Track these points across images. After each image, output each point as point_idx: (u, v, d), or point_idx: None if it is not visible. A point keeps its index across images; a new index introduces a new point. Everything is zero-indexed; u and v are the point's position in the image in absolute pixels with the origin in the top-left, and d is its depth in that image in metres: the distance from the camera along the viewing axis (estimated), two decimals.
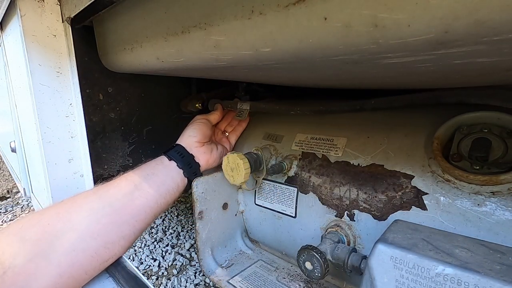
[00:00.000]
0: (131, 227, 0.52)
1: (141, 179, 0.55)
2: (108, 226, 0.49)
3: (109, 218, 0.49)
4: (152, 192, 0.55)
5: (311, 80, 0.56)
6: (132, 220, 0.52)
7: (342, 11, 0.25)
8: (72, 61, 0.65)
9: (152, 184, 0.55)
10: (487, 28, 0.19)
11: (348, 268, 0.47)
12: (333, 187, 0.58)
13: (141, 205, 0.53)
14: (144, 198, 0.54)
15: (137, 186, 0.54)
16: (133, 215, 0.52)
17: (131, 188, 0.53)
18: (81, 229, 0.46)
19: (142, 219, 0.54)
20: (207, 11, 0.37)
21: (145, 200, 0.54)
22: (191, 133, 0.67)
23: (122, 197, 0.52)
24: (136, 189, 0.54)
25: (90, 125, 0.72)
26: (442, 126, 0.49)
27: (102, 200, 0.50)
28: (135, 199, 0.53)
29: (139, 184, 0.54)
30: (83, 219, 0.47)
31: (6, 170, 2.28)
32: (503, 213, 0.41)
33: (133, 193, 0.53)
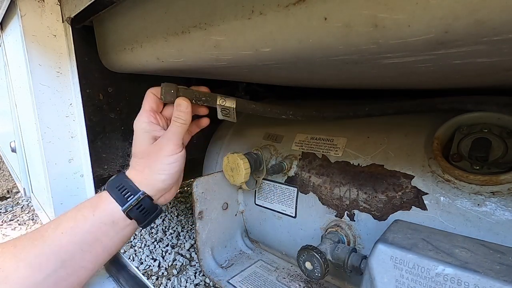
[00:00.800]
0: None
1: (73, 253, 0.41)
2: None
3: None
4: (88, 266, 0.43)
5: (311, 80, 0.56)
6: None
7: (342, 11, 0.25)
8: (72, 61, 0.65)
9: (90, 257, 0.43)
10: (487, 28, 0.19)
11: (348, 268, 0.47)
12: (333, 187, 0.58)
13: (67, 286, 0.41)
14: (74, 277, 0.42)
15: (65, 263, 0.40)
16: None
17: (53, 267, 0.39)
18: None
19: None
20: (207, 11, 0.37)
21: (75, 279, 0.42)
22: (165, 175, 0.46)
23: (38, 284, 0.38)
24: (63, 267, 0.40)
25: (90, 125, 0.72)
26: (442, 126, 0.49)
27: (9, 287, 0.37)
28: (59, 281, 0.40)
29: (69, 259, 0.41)
30: None
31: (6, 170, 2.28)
32: (503, 213, 0.41)
33: (57, 274, 0.39)
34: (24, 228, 1.50)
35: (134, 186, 0.46)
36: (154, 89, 0.50)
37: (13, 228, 1.50)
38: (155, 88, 0.50)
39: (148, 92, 0.50)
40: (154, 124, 0.48)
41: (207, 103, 0.50)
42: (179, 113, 0.47)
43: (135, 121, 0.48)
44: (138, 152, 0.47)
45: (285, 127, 0.73)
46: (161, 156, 0.46)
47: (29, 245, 0.39)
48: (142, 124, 0.47)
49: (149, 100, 0.49)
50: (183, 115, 0.47)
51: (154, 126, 0.48)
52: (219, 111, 0.51)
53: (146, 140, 0.47)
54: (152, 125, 0.48)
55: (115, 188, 0.45)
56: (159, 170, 0.46)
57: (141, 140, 0.47)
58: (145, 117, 0.48)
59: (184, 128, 0.47)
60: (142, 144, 0.47)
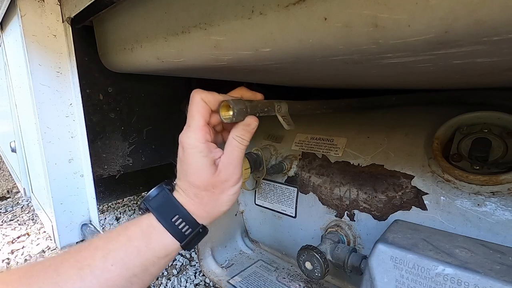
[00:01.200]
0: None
1: (121, 285, 0.37)
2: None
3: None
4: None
5: (311, 80, 0.56)
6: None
7: (342, 11, 0.25)
8: (72, 61, 0.65)
9: (137, 286, 0.38)
10: (487, 28, 0.19)
11: (348, 268, 0.47)
12: (333, 187, 0.58)
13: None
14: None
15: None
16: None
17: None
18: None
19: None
20: (207, 11, 0.37)
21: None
22: (228, 207, 0.42)
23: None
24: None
25: (90, 125, 0.72)
26: (442, 126, 0.49)
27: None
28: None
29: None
30: None
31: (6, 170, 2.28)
32: (503, 213, 0.41)
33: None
34: (24, 228, 1.50)
35: (194, 220, 0.40)
36: (204, 95, 0.38)
37: (13, 228, 1.50)
38: (205, 93, 0.38)
39: (197, 99, 0.38)
40: (210, 143, 0.39)
41: (268, 113, 0.42)
42: (247, 134, 0.40)
43: (186, 138, 0.38)
44: (200, 184, 0.39)
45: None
46: (228, 187, 0.40)
47: (74, 275, 0.35)
48: (198, 145, 0.38)
49: (202, 111, 0.38)
50: (249, 136, 0.40)
51: (210, 145, 0.39)
52: (282, 120, 0.44)
53: (208, 168, 0.39)
54: (209, 145, 0.39)
55: (170, 220, 0.39)
56: (224, 202, 0.41)
57: (202, 167, 0.39)
58: (201, 136, 0.38)
59: (245, 149, 0.41)
60: (204, 172, 0.39)
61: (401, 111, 0.58)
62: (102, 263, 0.36)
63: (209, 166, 0.39)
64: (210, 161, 0.39)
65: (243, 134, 0.40)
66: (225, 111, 0.38)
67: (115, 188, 1.12)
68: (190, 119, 0.39)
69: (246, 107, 0.39)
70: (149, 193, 0.41)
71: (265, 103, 0.42)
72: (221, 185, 0.40)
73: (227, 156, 0.40)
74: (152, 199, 0.40)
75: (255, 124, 0.40)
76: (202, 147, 0.38)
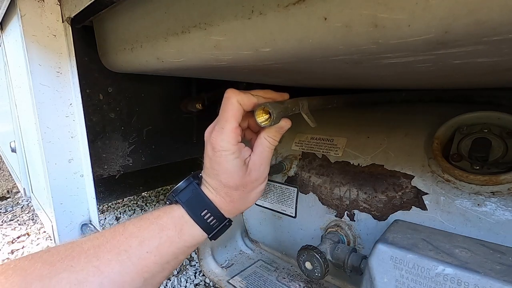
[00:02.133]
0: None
1: (154, 272, 0.39)
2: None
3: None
4: (161, 280, 0.41)
5: (311, 80, 0.56)
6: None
7: (342, 11, 0.25)
8: (72, 61, 0.65)
9: (167, 274, 0.41)
10: (487, 28, 0.19)
11: (348, 268, 0.47)
12: (333, 187, 0.58)
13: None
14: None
15: (145, 282, 0.38)
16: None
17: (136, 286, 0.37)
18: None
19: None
20: (207, 11, 0.37)
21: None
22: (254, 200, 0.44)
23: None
24: (143, 285, 0.38)
25: (90, 125, 0.72)
26: (442, 126, 0.49)
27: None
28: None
29: (150, 278, 0.39)
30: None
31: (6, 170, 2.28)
32: (503, 213, 0.41)
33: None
34: (24, 228, 1.50)
35: (221, 215, 0.42)
36: (240, 97, 0.38)
37: (13, 228, 1.50)
38: (241, 95, 0.38)
39: (233, 101, 0.38)
40: (240, 144, 0.40)
41: (295, 112, 0.42)
42: (279, 135, 0.41)
43: (219, 141, 0.38)
44: (233, 184, 0.40)
45: None
46: (257, 185, 0.42)
47: (114, 260, 0.36)
48: (231, 147, 0.38)
49: (236, 114, 0.38)
50: (280, 137, 0.42)
51: (241, 146, 0.40)
52: (307, 118, 0.44)
53: (239, 168, 0.40)
54: (240, 146, 0.40)
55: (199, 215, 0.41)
56: (252, 199, 0.43)
57: (235, 169, 0.39)
58: (234, 138, 0.38)
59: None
60: (237, 174, 0.40)
61: (401, 111, 0.58)
62: (138, 250, 0.37)
63: (241, 167, 0.40)
64: (241, 162, 0.40)
65: (275, 135, 0.41)
66: (262, 115, 0.38)
67: (115, 188, 1.12)
68: (224, 122, 0.38)
69: (281, 110, 0.38)
70: (178, 186, 0.42)
71: (292, 103, 0.42)
72: (251, 184, 0.41)
73: (258, 156, 0.41)
74: (181, 192, 0.42)
75: (288, 126, 0.41)
76: (234, 149, 0.39)
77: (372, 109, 0.62)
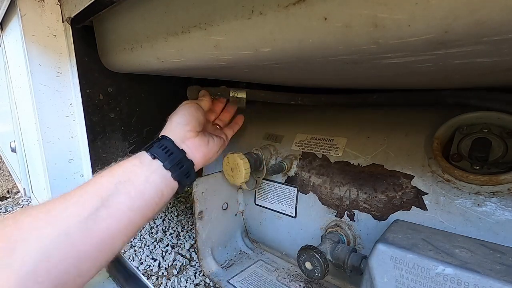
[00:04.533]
0: (92, 260, 0.39)
1: (110, 191, 0.41)
2: (60, 264, 0.35)
3: (62, 252, 0.36)
4: (124, 209, 0.41)
5: (311, 80, 0.56)
6: (94, 252, 0.39)
7: (342, 11, 0.25)
8: (72, 61, 0.65)
9: (125, 198, 0.42)
10: (487, 28, 0.19)
11: (348, 268, 0.47)
12: (333, 187, 0.58)
13: (107, 230, 0.39)
14: (113, 219, 0.40)
15: (104, 202, 0.40)
16: (97, 245, 0.39)
17: (95, 204, 0.39)
18: (23, 270, 0.33)
19: (108, 248, 0.40)
20: (207, 11, 0.37)
21: (114, 222, 0.40)
22: (180, 120, 0.52)
23: (83, 221, 0.38)
24: (103, 206, 0.40)
25: (90, 125, 0.72)
26: (442, 126, 0.49)
27: (56, 226, 0.37)
28: (100, 221, 0.39)
29: (107, 198, 0.40)
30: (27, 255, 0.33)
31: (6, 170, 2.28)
32: (503, 213, 0.41)
33: (98, 213, 0.39)
34: None
35: (158, 136, 0.52)
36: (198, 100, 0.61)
37: None
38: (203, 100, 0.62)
39: (187, 102, 0.59)
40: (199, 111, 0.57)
41: (223, 96, 0.63)
42: (201, 98, 0.62)
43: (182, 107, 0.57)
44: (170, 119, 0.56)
45: (285, 127, 0.73)
46: (178, 109, 0.56)
47: (76, 189, 0.42)
48: (190, 108, 0.56)
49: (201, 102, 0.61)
50: (201, 100, 0.61)
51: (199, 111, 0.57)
52: (231, 101, 0.64)
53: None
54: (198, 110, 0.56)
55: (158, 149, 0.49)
56: (175, 117, 0.54)
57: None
58: (195, 106, 0.57)
59: (202, 102, 0.60)
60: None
61: (401, 111, 0.58)
62: (96, 178, 0.44)
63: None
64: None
65: (201, 101, 0.61)
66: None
67: None
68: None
69: (198, 90, 0.65)
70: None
71: (219, 89, 0.64)
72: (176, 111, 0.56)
73: None
74: None
75: (203, 93, 0.63)
76: (191, 109, 0.56)
77: (372, 109, 0.62)
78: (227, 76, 0.66)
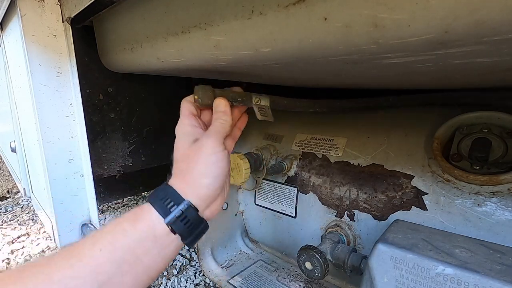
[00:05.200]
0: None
1: (110, 273, 0.35)
2: None
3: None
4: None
5: (311, 80, 0.56)
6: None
7: (342, 11, 0.25)
8: (72, 61, 0.65)
9: (129, 278, 0.36)
10: (487, 28, 0.19)
11: (348, 268, 0.47)
12: (333, 187, 0.58)
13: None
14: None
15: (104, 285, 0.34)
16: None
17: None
18: None
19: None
20: (207, 11, 0.37)
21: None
22: (209, 181, 0.40)
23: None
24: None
25: (90, 125, 0.72)
26: (442, 126, 0.49)
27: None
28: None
29: (107, 282, 0.35)
30: None
31: (6, 170, 2.28)
32: (503, 213, 0.41)
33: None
34: (24, 228, 1.50)
35: (177, 194, 0.39)
36: (189, 97, 0.46)
37: (13, 228, 1.50)
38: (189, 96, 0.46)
39: (183, 101, 0.46)
40: (196, 128, 0.43)
41: (243, 103, 0.47)
42: (218, 113, 0.43)
43: (177, 127, 0.44)
44: (179, 156, 0.42)
45: (285, 127, 0.73)
46: (202, 156, 0.40)
47: (64, 265, 0.34)
48: (184, 127, 0.43)
49: (186, 106, 0.45)
50: (222, 114, 0.43)
51: (197, 129, 0.43)
52: (257, 111, 0.48)
53: (187, 143, 0.41)
54: (194, 128, 0.43)
55: (158, 199, 0.39)
56: (202, 174, 0.40)
57: (182, 143, 0.42)
58: (187, 121, 0.43)
59: (224, 127, 0.43)
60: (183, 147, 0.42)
61: (401, 111, 0.58)
62: (90, 250, 0.35)
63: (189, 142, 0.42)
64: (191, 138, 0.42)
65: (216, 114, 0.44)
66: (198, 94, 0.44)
67: (115, 188, 1.12)
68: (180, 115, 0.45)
69: (213, 91, 0.44)
70: None
71: (240, 94, 0.46)
72: (195, 154, 0.40)
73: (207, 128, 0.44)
74: (153, 190, 0.42)
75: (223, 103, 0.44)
76: (187, 128, 0.43)
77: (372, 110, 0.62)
78: (227, 76, 0.66)
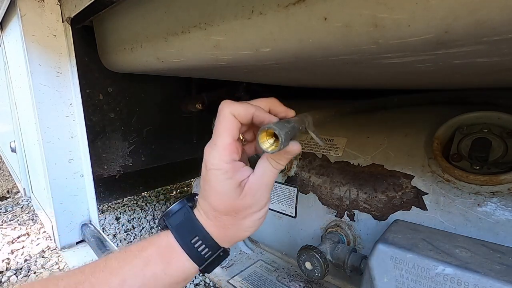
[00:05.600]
0: None
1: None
2: None
3: None
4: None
5: (311, 80, 0.56)
6: None
7: (342, 11, 0.25)
8: (72, 61, 0.65)
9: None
10: (487, 28, 0.19)
11: (348, 268, 0.47)
12: (333, 187, 0.58)
13: None
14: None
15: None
16: None
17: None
18: None
19: None
20: (207, 11, 0.37)
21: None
22: (250, 229, 0.38)
23: None
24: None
25: (90, 125, 0.72)
26: (442, 126, 0.49)
27: None
28: None
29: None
30: None
31: (6, 170, 2.28)
32: (503, 213, 0.41)
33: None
34: (24, 228, 1.50)
35: (214, 243, 0.37)
36: (234, 108, 0.33)
37: (13, 228, 1.50)
38: (235, 105, 0.33)
39: (226, 113, 0.33)
40: (237, 163, 0.34)
41: (301, 131, 0.35)
42: (284, 160, 0.34)
43: (210, 158, 0.34)
44: (222, 208, 0.35)
45: None
46: (252, 213, 0.36)
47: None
48: (223, 165, 0.33)
49: (230, 128, 0.33)
50: (285, 161, 0.35)
51: (237, 165, 0.34)
52: (315, 137, 0.36)
53: (231, 190, 0.34)
54: (235, 165, 0.34)
55: (190, 242, 0.36)
56: (247, 228, 0.37)
57: (224, 190, 0.34)
58: (227, 156, 0.33)
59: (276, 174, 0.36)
60: (227, 196, 0.34)
61: (401, 111, 0.58)
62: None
63: (233, 189, 0.34)
64: (235, 183, 0.34)
65: (281, 159, 0.34)
66: (266, 138, 0.31)
67: (115, 188, 1.12)
68: (216, 137, 0.33)
69: (289, 130, 0.31)
70: (170, 209, 0.38)
71: (298, 121, 0.34)
72: (244, 211, 0.35)
73: (256, 179, 0.35)
74: (172, 215, 0.37)
75: (297, 151, 0.34)
76: (227, 168, 0.33)
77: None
78: (227, 76, 0.66)
